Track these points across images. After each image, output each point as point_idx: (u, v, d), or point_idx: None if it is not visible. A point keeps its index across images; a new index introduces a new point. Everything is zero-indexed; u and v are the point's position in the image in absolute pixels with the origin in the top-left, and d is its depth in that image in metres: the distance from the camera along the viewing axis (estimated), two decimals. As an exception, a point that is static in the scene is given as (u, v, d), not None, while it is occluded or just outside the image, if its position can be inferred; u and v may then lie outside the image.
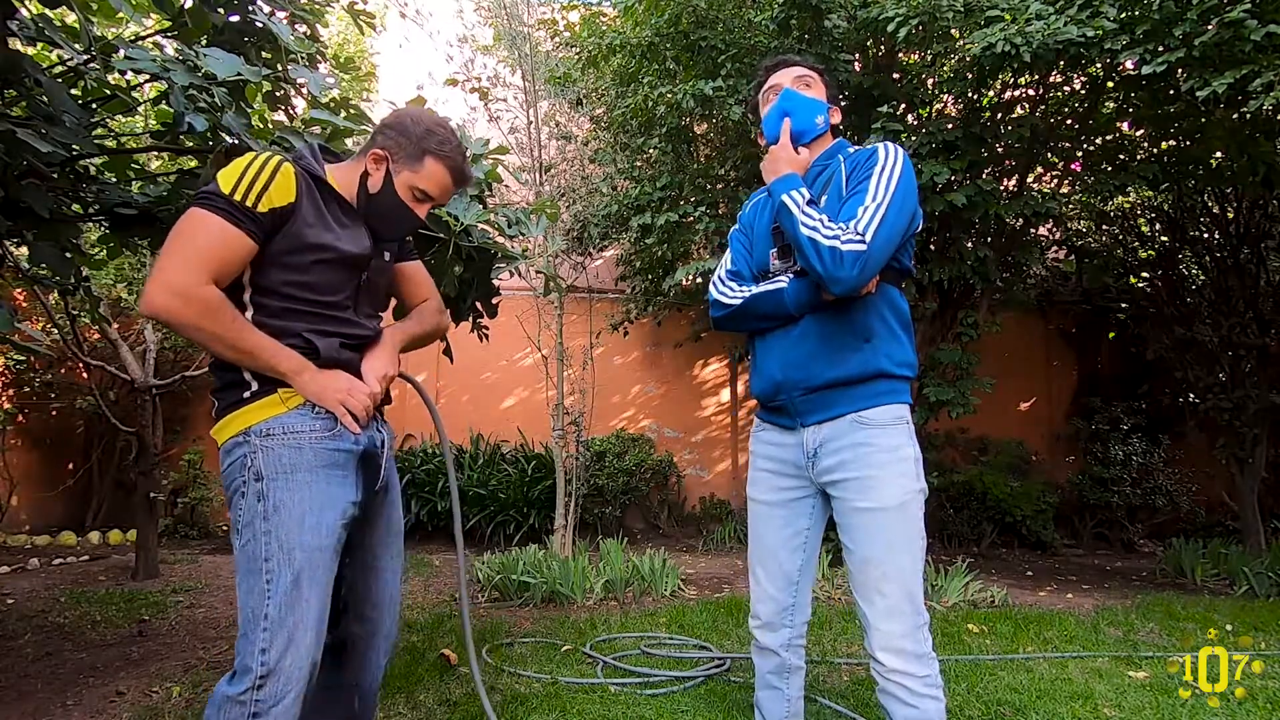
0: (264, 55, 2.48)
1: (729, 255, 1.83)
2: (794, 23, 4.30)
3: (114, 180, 2.49)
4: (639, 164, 5.41)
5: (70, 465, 6.40)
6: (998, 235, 5.17)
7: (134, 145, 3.01)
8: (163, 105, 2.21)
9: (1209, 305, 6.03)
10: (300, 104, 2.83)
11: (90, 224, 2.72)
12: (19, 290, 5.31)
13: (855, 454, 1.57)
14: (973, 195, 4.20)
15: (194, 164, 2.48)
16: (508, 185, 5.73)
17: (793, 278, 1.63)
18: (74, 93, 2.25)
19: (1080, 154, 5.04)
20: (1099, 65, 4.37)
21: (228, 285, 1.41)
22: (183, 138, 2.22)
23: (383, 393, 1.52)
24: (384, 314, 1.69)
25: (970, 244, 4.88)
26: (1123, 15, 3.59)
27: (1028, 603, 4.17)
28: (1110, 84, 4.64)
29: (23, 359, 5.83)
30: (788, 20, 4.26)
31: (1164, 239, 6.51)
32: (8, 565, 4.75)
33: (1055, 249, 6.99)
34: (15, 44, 1.98)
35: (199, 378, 5.31)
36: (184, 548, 5.66)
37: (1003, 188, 4.87)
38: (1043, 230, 6.26)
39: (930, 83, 4.56)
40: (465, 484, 6.01)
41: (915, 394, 4.73)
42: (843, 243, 1.46)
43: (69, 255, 2.33)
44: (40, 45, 2.31)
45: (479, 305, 2.51)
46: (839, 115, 1.79)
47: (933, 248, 5.01)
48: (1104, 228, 6.82)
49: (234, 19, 2.39)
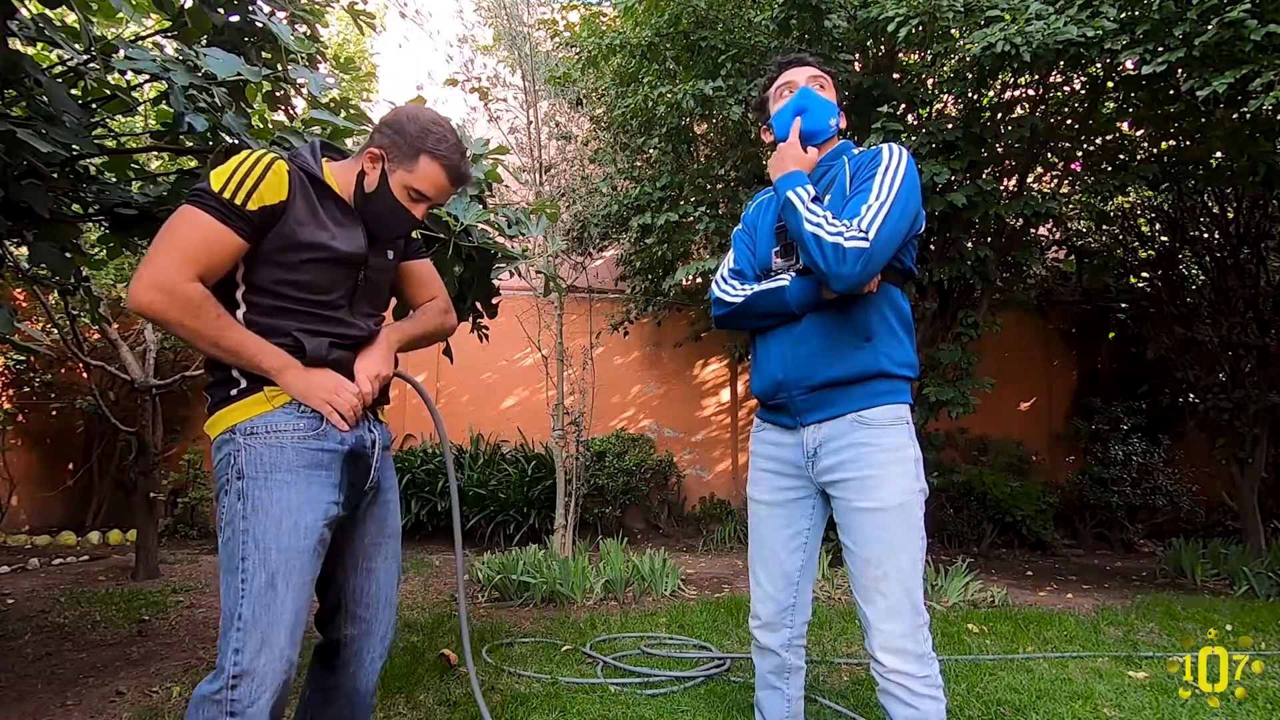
0: (264, 55, 2.49)
1: (732, 254, 1.82)
2: (794, 23, 4.30)
3: (114, 180, 2.49)
4: (639, 164, 5.41)
5: (70, 465, 6.40)
6: (998, 235, 5.17)
7: (134, 145, 3.01)
8: (163, 105, 2.22)
9: (1209, 305, 6.02)
10: (300, 104, 2.84)
11: (90, 224, 2.72)
12: (19, 290, 5.32)
13: (855, 454, 1.57)
14: (973, 195, 4.20)
15: (194, 164, 2.48)
16: (508, 185, 5.73)
17: (795, 276, 1.63)
18: (74, 93, 2.25)
19: (1080, 154, 5.04)
20: (1099, 65, 4.37)
21: (221, 283, 1.41)
22: (183, 138, 2.23)
23: (375, 393, 1.50)
24: (385, 314, 1.67)
25: (970, 244, 4.88)
26: (1123, 15, 3.59)
27: (1028, 603, 4.17)
28: (1110, 84, 4.63)
29: (23, 359, 5.84)
30: (788, 20, 4.26)
31: (1164, 239, 6.50)
32: (8, 565, 4.75)
33: (1055, 249, 6.99)
34: (15, 44, 1.98)
35: (199, 378, 5.31)
36: (184, 548, 5.66)
37: (1003, 188, 4.87)
38: (1043, 230, 6.26)
39: (930, 83, 4.56)
40: (465, 484, 6.01)
41: (915, 394, 4.73)
42: (846, 239, 1.46)
43: (69, 255, 2.33)
44: (40, 45, 2.31)
45: (479, 305, 2.52)
46: (844, 120, 1.79)
47: (933, 248, 5.01)
48: (1104, 228, 6.82)
49: (234, 19, 2.39)
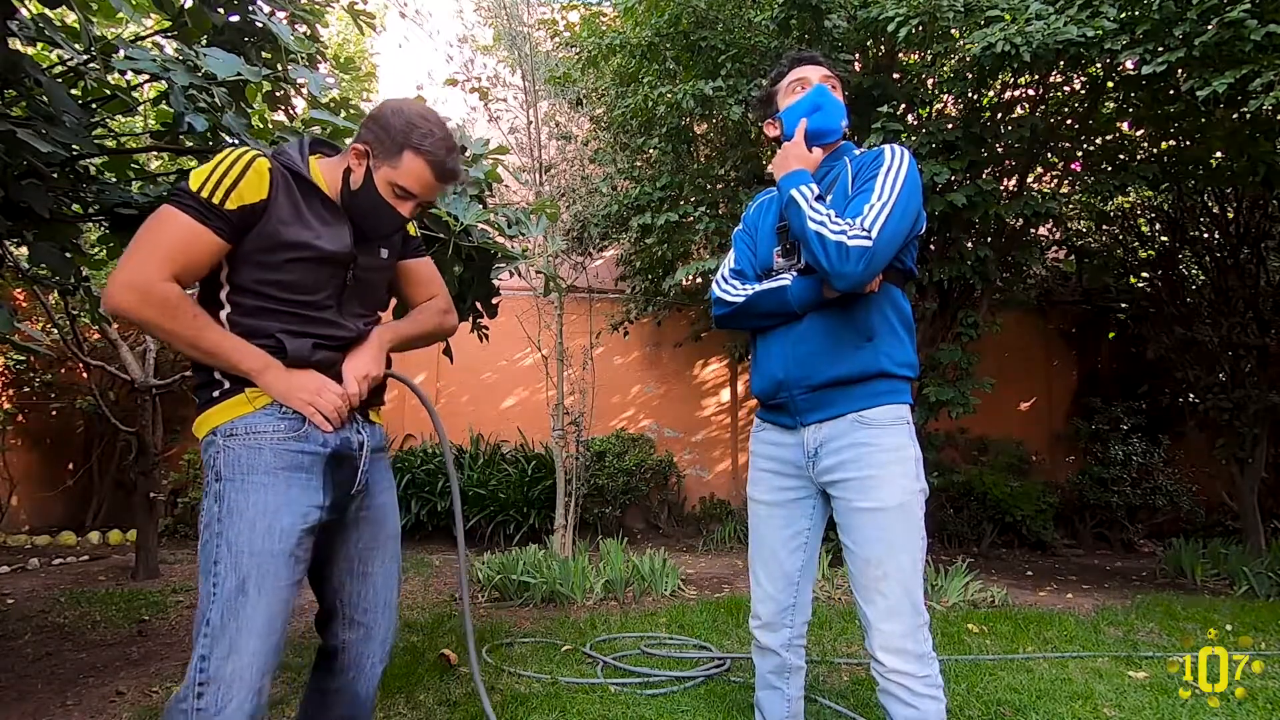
0: (264, 55, 2.49)
1: (732, 254, 1.82)
2: (794, 23, 4.30)
3: (114, 180, 2.49)
4: (639, 164, 5.41)
5: (70, 465, 6.40)
6: (998, 235, 5.17)
7: (134, 145, 3.01)
8: (163, 105, 2.22)
9: (1209, 305, 6.02)
10: (300, 104, 2.84)
11: (90, 224, 2.72)
12: (19, 290, 5.32)
13: (856, 454, 1.57)
14: (973, 195, 4.20)
15: (194, 164, 2.48)
16: (508, 185, 5.73)
17: (796, 276, 1.64)
18: (74, 93, 2.25)
19: (1080, 154, 5.04)
20: (1099, 65, 4.37)
21: (205, 283, 1.39)
22: (183, 138, 2.23)
23: (363, 393, 1.46)
24: (382, 313, 1.64)
25: (970, 244, 4.88)
26: (1123, 15, 3.59)
27: (1028, 603, 4.17)
28: (1110, 84, 4.63)
29: (23, 359, 5.84)
30: (788, 20, 4.26)
31: (1164, 239, 6.50)
32: (8, 565, 4.75)
33: (1055, 249, 6.99)
34: (15, 44, 1.98)
35: (198, 378, 5.30)
36: (184, 548, 5.65)
37: (1003, 188, 4.86)
38: (1043, 230, 6.25)
39: (930, 83, 4.56)
40: (465, 484, 6.01)
41: (915, 394, 4.73)
42: (849, 238, 1.46)
43: (69, 255, 2.33)
44: (40, 45, 2.31)
45: (479, 305, 2.52)
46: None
47: (933, 248, 5.01)
48: (1104, 228, 6.82)
49: (234, 19, 2.39)
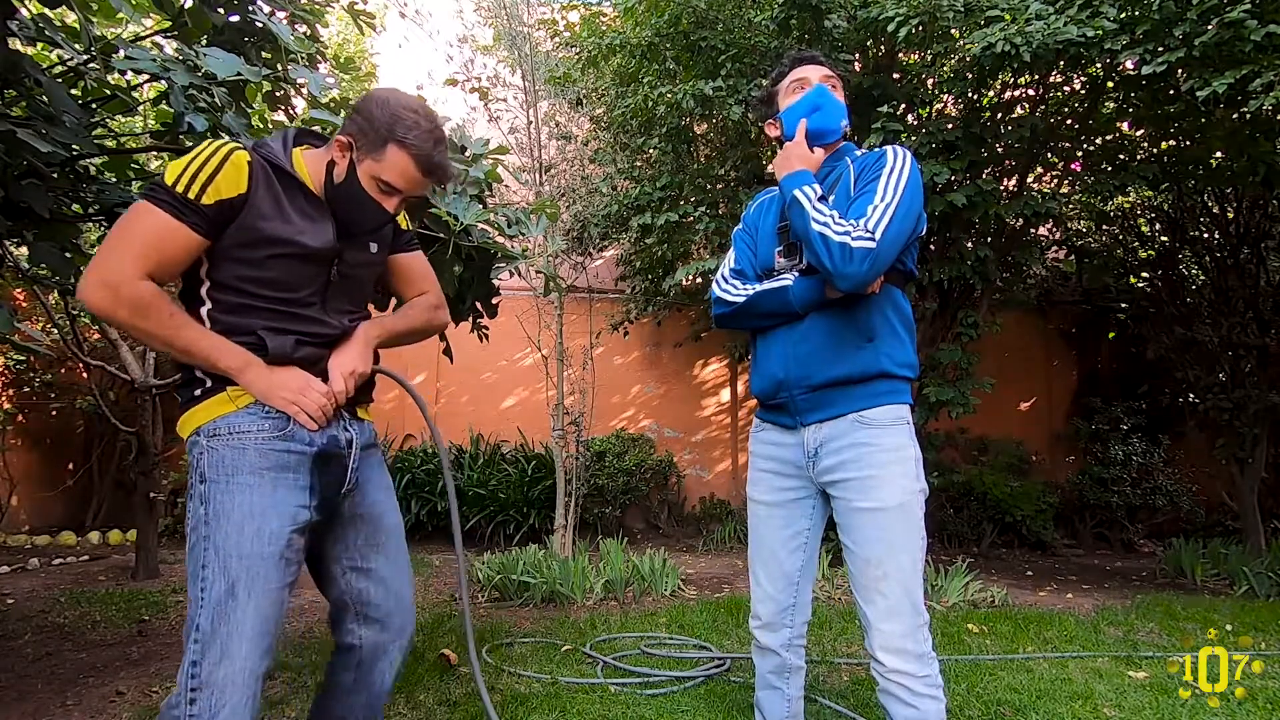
0: (264, 55, 2.49)
1: (732, 254, 1.82)
2: (794, 23, 4.30)
3: (114, 180, 2.50)
4: (639, 164, 5.41)
5: (70, 465, 6.40)
6: (998, 235, 5.17)
7: (134, 145, 3.01)
8: (163, 105, 2.22)
9: (1209, 305, 6.02)
10: (300, 104, 2.84)
11: (90, 224, 2.72)
12: (19, 290, 5.32)
13: (856, 454, 1.57)
14: (973, 195, 4.20)
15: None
16: (508, 185, 5.73)
17: (798, 276, 1.63)
18: (74, 93, 2.25)
19: (1080, 154, 5.04)
20: (1099, 65, 4.37)
21: (186, 279, 1.36)
22: (183, 138, 2.22)
23: (350, 390, 1.43)
24: (372, 310, 1.60)
25: (970, 244, 4.88)
26: (1123, 15, 3.59)
27: (1028, 603, 4.17)
28: (1110, 84, 4.63)
29: (23, 359, 5.84)
30: (788, 20, 4.26)
31: (1164, 239, 6.50)
32: (8, 565, 4.75)
33: (1055, 249, 6.99)
34: (15, 44, 1.98)
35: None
36: (184, 547, 5.61)
37: (1003, 188, 4.86)
38: (1043, 230, 6.25)
39: (930, 83, 4.56)
40: (465, 484, 6.01)
41: (915, 394, 4.73)
42: (853, 239, 1.46)
43: (69, 255, 2.33)
44: (40, 45, 2.31)
45: (479, 305, 2.52)
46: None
47: (933, 248, 5.01)
48: (1104, 228, 6.82)
49: (234, 19, 2.39)
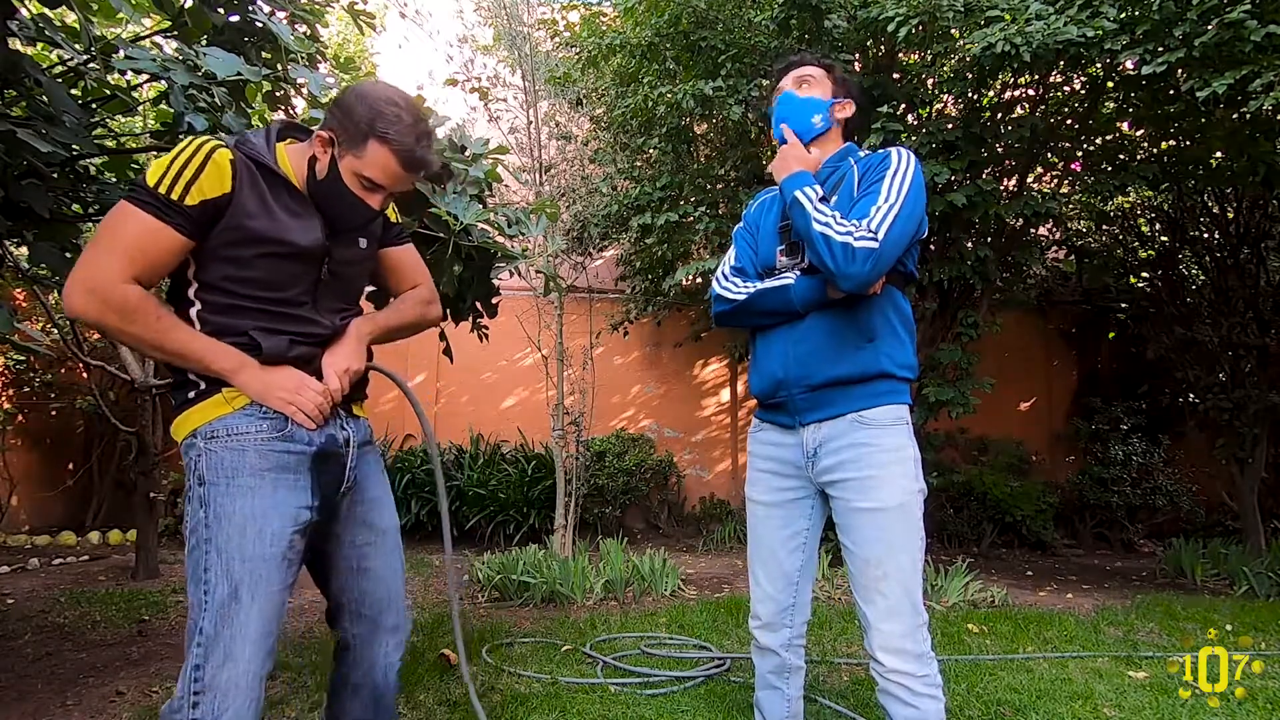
0: (264, 55, 2.49)
1: (733, 252, 1.82)
2: (794, 23, 4.30)
3: (114, 180, 2.50)
4: (639, 164, 5.41)
5: (70, 465, 6.40)
6: (998, 235, 5.17)
7: (134, 145, 3.01)
8: (163, 105, 2.22)
9: (1209, 305, 6.02)
10: (300, 104, 2.84)
11: (90, 224, 2.72)
12: (19, 290, 5.32)
13: (855, 454, 1.57)
14: (973, 195, 4.19)
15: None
16: (508, 185, 5.73)
17: (800, 275, 1.64)
18: (74, 93, 2.25)
19: (1080, 154, 5.04)
20: (1099, 65, 4.36)
21: (174, 280, 1.33)
22: (182, 138, 2.22)
23: (345, 388, 1.41)
24: (362, 305, 1.57)
25: (970, 244, 4.88)
26: (1123, 15, 3.59)
27: (1028, 603, 4.17)
28: (1110, 84, 4.63)
29: (23, 359, 5.83)
30: (788, 20, 4.26)
31: (1164, 239, 6.50)
32: (8, 565, 4.75)
33: (1055, 249, 6.98)
34: (15, 44, 1.98)
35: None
36: (184, 548, 5.64)
37: (1003, 188, 4.86)
38: (1043, 230, 6.25)
39: (930, 83, 4.56)
40: (465, 484, 6.01)
41: (915, 394, 4.73)
42: (855, 239, 1.46)
43: (69, 255, 2.33)
44: (40, 45, 2.31)
45: (479, 305, 2.51)
46: (850, 108, 1.75)
47: (933, 248, 5.00)
48: (1104, 228, 6.81)
49: (234, 19, 2.39)
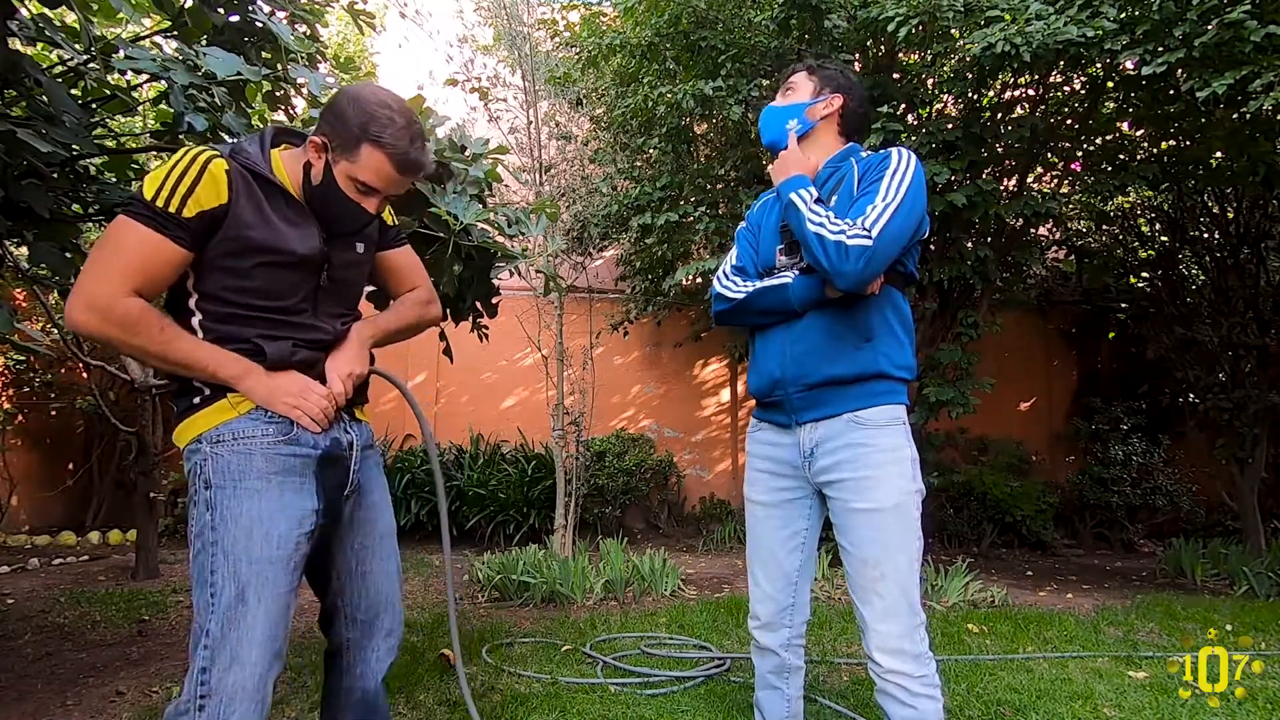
0: (264, 55, 2.49)
1: (734, 251, 1.84)
2: (794, 23, 4.30)
3: (114, 180, 2.50)
4: (639, 164, 5.41)
5: (70, 465, 6.40)
6: (998, 235, 5.17)
7: (134, 145, 3.01)
8: (163, 105, 2.22)
9: (1209, 305, 6.02)
10: (300, 104, 2.84)
11: (90, 224, 2.72)
12: (19, 290, 5.32)
13: (852, 454, 1.57)
14: (973, 195, 4.19)
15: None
16: (508, 185, 5.73)
17: (799, 274, 1.64)
18: (74, 93, 2.25)
19: (1080, 154, 5.04)
20: (1099, 65, 4.36)
21: (173, 292, 1.34)
22: (182, 138, 2.22)
23: (348, 392, 1.43)
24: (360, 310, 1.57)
25: (970, 244, 4.88)
26: (1123, 15, 3.59)
27: (1028, 603, 4.17)
28: (1110, 84, 4.63)
29: (23, 359, 5.83)
30: (788, 20, 4.26)
31: (1164, 239, 6.50)
32: (8, 565, 4.75)
33: (1055, 249, 6.98)
34: (15, 44, 1.98)
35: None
36: (184, 548, 5.65)
37: (1003, 188, 4.86)
38: (1043, 230, 6.25)
39: (930, 83, 4.56)
40: (465, 484, 6.01)
41: (915, 394, 4.73)
42: (849, 237, 1.47)
43: (69, 255, 2.33)
44: (40, 45, 2.31)
45: (479, 305, 2.52)
46: (836, 102, 1.72)
47: (933, 248, 5.00)
48: (1104, 228, 6.81)
49: (234, 19, 2.39)
